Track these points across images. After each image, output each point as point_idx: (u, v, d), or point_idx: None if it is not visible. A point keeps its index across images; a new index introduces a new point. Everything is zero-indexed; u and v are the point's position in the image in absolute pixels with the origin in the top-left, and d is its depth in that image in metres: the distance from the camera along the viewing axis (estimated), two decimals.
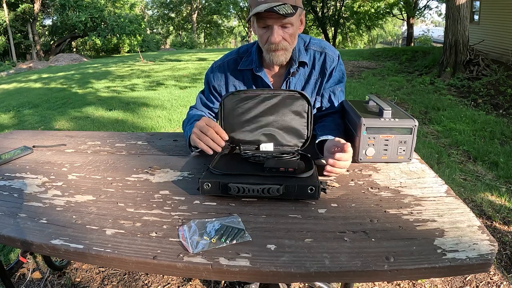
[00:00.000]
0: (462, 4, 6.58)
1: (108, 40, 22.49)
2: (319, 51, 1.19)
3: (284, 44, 1.06)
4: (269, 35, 1.04)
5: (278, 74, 1.21)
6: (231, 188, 0.81)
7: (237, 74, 1.23)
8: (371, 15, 21.40)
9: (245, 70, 1.21)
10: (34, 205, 0.84)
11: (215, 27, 33.91)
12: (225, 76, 1.24)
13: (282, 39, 1.05)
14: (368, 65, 9.24)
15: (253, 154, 1.01)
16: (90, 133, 1.42)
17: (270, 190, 0.80)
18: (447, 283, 1.65)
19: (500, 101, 5.15)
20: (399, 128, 0.96)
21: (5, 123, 5.01)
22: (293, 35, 1.07)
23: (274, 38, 1.03)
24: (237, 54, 1.24)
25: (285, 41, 1.06)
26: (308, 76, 1.21)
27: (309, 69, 1.20)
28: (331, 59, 1.19)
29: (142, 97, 6.13)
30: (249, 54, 1.21)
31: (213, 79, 1.25)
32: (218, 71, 1.24)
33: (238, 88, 1.24)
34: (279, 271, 0.60)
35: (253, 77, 1.21)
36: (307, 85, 1.22)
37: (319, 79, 1.21)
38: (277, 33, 1.03)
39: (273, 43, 1.04)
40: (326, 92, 1.22)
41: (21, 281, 1.70)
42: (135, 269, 0.66)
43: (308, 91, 1.23)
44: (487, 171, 2.88)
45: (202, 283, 1.66)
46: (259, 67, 1.17)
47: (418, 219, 0.73)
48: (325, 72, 1.19)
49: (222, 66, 1.24)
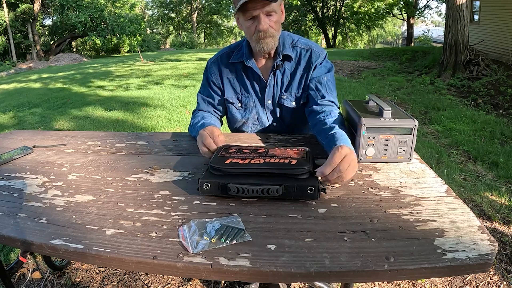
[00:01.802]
0: (462, 4, 6.58)
1: (108, 40, 22.49)
2: (306, 48, 1.24)
3: (271, 31, 1.12)
4: (256, 24, 1.10)
5: (265, 67, 1.26)
6: (231, 189, 0.81)
7: (230, 67, 1.29)
8: (371, 15, 21.40)
9: (236, 63, 1.27)
10: (34, 205, 0.84)
11: (215, 27, 33.92)
12: (219, 69, 1.29)
13: (269, 26, 1.10)
14: (368, 65, 9.24)
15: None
16: (90, 133, 1.42)
17: (270, 190, 0.80)
18: (447, 283, 1.65)
19: (500, 101, 5.15)
20: (399, 128, 0.96)
21: (5, 123, 5.01)
22: (278, 23, 1.14)
23: (262, 26, 1.09)
24: (230, 49, 1.30)
25: (271, 28, 1.12)
26: (294, 72, 1.25)
27: (294, 64, 1.24)
28: (316, 55, 1.23)
29: (142, 97, 6.13)
30: (240, 48, 1.27)
31: (211, 75, 1.31)
32: (214, 66, 1.30)
33: (232, 80, 1.29)
34: (279, 271, 0.60)
35: (244, 68, 1.26)
36: (293, 80, 1.26)
37: (305, 74, 1.25)
38: (264, 20, 1.09)
39: (261, 30, 1.10)
40: (312, 82, 1.23)
41: (21, 281, 1.70)
42: (135, 269, 0.66)
43: (294, 86, 1.26)
44: (487, 171, 2.88)
45: (202, 283, 1.65)
46: (249, 58, 1.22)
47: (418, 219, 0.73)
48: (311, 66, 1.23)
49: (216, 61, 1.30)
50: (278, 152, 0.94)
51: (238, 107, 1.33)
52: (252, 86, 1.29)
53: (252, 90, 1.29)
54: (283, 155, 0.91)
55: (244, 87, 1.29)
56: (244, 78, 1.28)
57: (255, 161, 0.87)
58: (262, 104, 1.31)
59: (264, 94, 1.29)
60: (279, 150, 0.96)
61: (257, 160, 0.88)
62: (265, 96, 1.29)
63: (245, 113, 1.33)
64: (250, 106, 1.32)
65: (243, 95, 1.30)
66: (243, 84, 1.29)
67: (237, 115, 1.34)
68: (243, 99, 1.31)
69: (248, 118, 1.34)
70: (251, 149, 0.97)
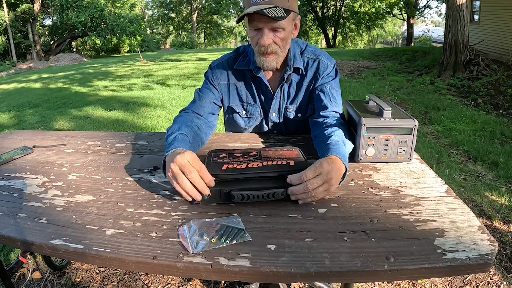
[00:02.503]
0: (462, 4, 6.58)
1: (108, 40, 22.49)
2: (313, 58, 1.18)
3: (274, 48, 1.05)
4: (259, 37, 1.03)
5: (273, 79, 1.20)
6: (235, 196, 0.78)
7: (237, 74, 1.22)
8: (371, 15, 21.40)
9: (245, 70, 1.20)
10: (34, 205, 0.84)
11: (215, 27, 33.91)
12: (226, 74, 1.22)
13: (272, 42, 1.04)
14: (368, 65, 9.24)
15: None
16: (90, 133, 1.42)
17: (275, 194, 0.79)
18: (447, 283, 1.65)
19: (500, 101, 5.15)
20: (399, 128, 0.96)
21: (5, 123, 5.01)
22: (285, 40, 1.06)
23: (264, 41, 1.02)
24: (236, 54, 1.23)
25: (275, 44, 1.05)
26: (300, 83, 1.19)
27: (301, 75, 1.18)
28: (324, 66, 1.17)
29: (142, 97, 6.13)
30: (246, 55, 1.20)
31: (213, 78, 1.23)
32: (217, 70, 1.23)
33: (239, 88, 1.23)
34: (279, 271, 0.60)
35: (252, 77, 1.20)
36: (299, 92, 1.20)
37: (311, 86, 1.19)
38: (267, 36, 1.02)
39: (262, 45, 1.03)
40: (315, 92, 1.17)
41: (21, 281, 1.70)
42: (135, 269, 0.66)
43: (299, 98, 1.21)
44: (487, 171, 2.88)
45: (202, 283, 1.65)
46: (258, 68, 1.15)
47: (418, 219, 0.73)
48: (318, 78, 1.17)
49: (221, 64, 1.23)
50: (271, 154, 0.92)
51: (243, 115, 1.27)
52: (259, 96, 1.23)
53: (259, 100, 1.24)
54: (278, 157, 0.90)
55: (252, 96, 1.23)
56: (252, 86, 1.21)
57: (253, 165, 0.85)
58: (266, 115, 1.26)
59: (270, 105, 1.23)
60: (272, 152, 0.94)
61: (254, 163, 0.86)
62: (271, 108, 1.23)
63: (249, 121, 1.29)
64: (255, 116, 1.27)
65: (249, 104, 1.24)
66: (251, 93, 1.23)
67: (240, 122, 1.29)
68: (249, 108, 1.25)
69: (251, 126, 1.30)
70: (243, 153, 0.94)
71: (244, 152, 0.95)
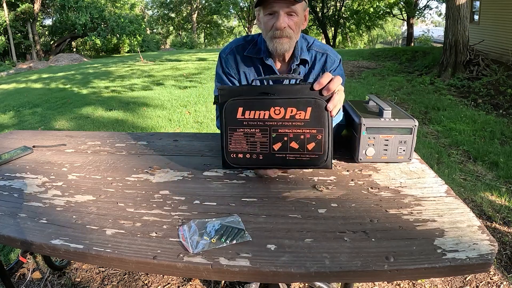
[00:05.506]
0: (462, 4, 6.58)
1: (108, 40, 22.49)
2: (321, 52, 1.20)
3: (288, 32, 1.07)
4: (275, 21, 1.05)
5: (281, 70, 1.22)
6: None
7: (246, 61, 1.22)
8: (371, 15, 21.39)
9: (254, 58, 1.21)
10: (34, 205, 0.84)
11: (215, 27, 33.91)
12: (236, 61, 1.23)
13: (287, 26, 1.06)
14: (368, 65, 9.24)
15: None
16: (90, 133, 1.42)
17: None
18: (447, 283, 1.65)
19: (500, 101, 5.15)
20: (399, 128, 0.96)
21: (5, 123, 5.01)
22: (297, 25, 1.09)
23: (280, 24, 1.04)
24: (244, 41, 1.23)
25: (289, 28, 1.07)
26: (307, 75, 1.21)
27: (308, 67, 1.20)
28: (332, 60, 1.19)
29: (142, 97, 6.12)
30: (255, 44, 1.21)
31: (228, 67, 1.23)
32: (230, 58, 1.23)
33: (248, 75, 1.23)
34: (279, 271, 0.60)
35: (263, 65, 1.21)
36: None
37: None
38: (283, 19, 1.04)
39: (278, 28, 1.05)
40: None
41: (21, 281, 1.70)
42: (135, 269, 0.66)
43: None
44: (487, 171, 2.88)
45: (202, 283, 1.65)
46: (268, 56, 1.17)
47: (418, 219, 0.73)
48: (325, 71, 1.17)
49: (231, 52, 1.23)
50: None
51: None
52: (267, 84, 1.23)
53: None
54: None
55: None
56: (262, 75, 1.22)
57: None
58: None
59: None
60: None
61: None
62: None
63: None
64: None
65: None
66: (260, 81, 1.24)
67: None
68: None
69: None
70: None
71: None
